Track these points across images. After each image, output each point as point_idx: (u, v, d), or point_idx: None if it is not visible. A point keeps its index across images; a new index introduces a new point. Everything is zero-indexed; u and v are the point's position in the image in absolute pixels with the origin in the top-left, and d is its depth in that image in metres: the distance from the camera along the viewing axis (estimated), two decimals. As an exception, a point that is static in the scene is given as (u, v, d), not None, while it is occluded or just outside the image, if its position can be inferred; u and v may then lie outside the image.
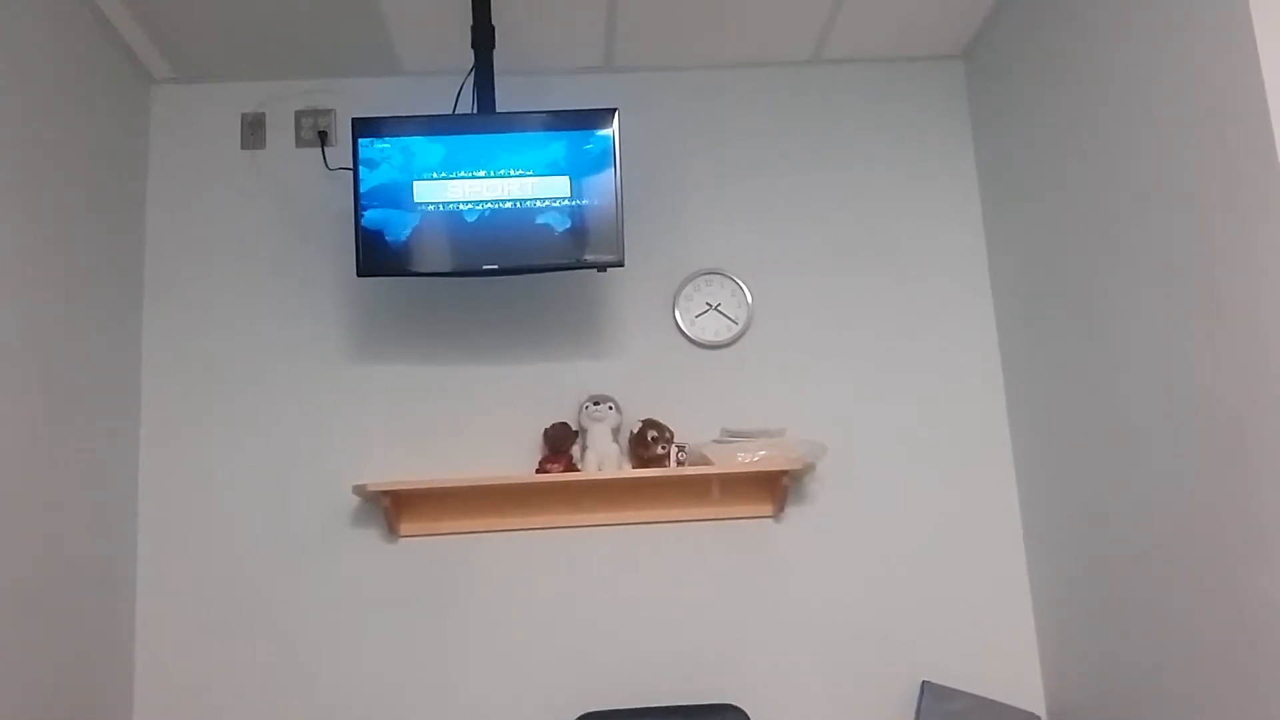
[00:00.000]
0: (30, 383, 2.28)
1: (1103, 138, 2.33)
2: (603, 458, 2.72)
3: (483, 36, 2.67)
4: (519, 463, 2.82)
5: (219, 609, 2.74)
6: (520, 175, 2.57)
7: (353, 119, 2.60)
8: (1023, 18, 2.69)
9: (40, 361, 2.33)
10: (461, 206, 2.56)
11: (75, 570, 2.44)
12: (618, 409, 2.78)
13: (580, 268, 2.58)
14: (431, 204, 2.56)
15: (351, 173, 2.58)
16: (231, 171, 2.95)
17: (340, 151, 2.91)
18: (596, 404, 2.76)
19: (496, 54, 2.70)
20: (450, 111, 2.78)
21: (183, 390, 2.84)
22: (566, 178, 2.57)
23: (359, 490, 2.66)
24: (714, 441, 2.75)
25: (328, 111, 2.98)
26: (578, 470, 2.74)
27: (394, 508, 2.73)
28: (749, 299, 2.93)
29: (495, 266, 2.56)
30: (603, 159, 2.58)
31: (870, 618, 2.79)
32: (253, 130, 2.98)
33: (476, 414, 2.85)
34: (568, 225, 2.56)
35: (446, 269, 2.56)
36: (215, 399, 2.84)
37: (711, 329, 2.91)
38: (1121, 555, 2.34)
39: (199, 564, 2.76)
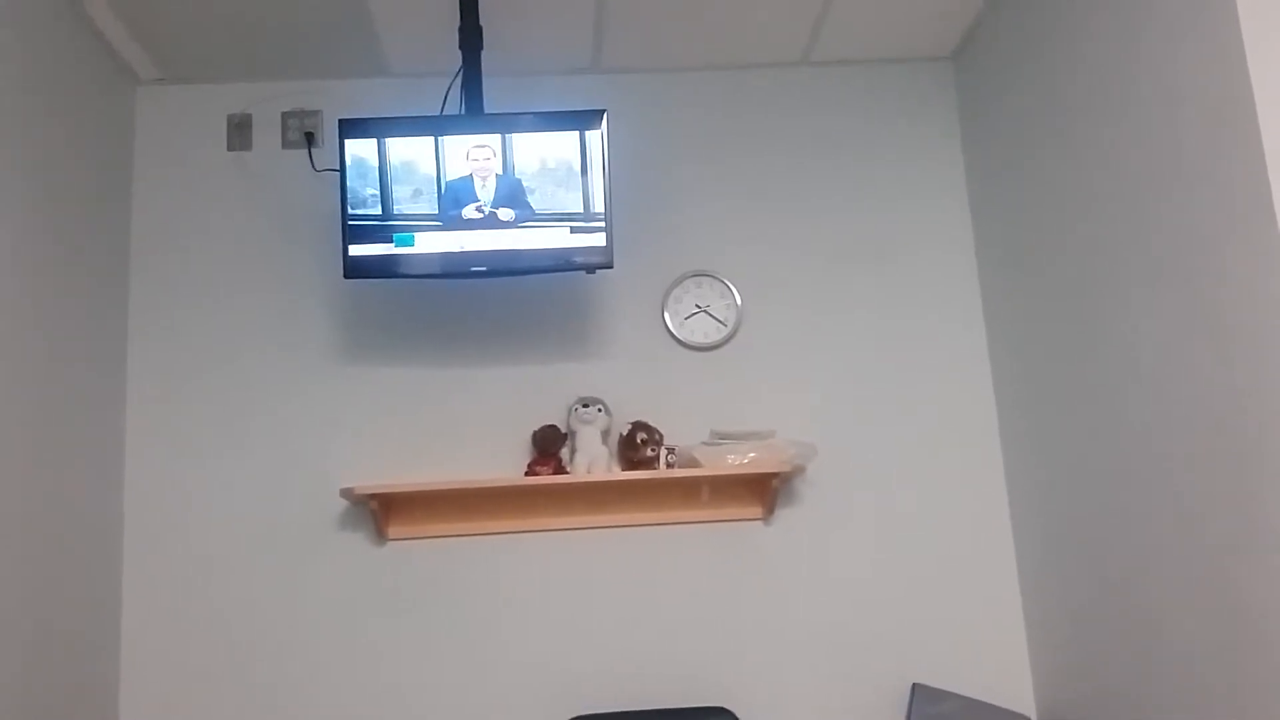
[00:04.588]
0: (14, 384, 2.26)
1: (1092, 138, 2.33)
2: (592, 460, 2.71)
3: (471, 37, 2.66)
4: (507, 465, 2.81)
5: (205, 612, 2.72)
6: (508, 176, 2.56)
7: (339, 120, 2.59)
8: (1012, 19, 2.70)
9: (24, 362, 2.31)
10: (449, 208, 2.55)
11: (60, 574, 2.42)
12: (607, 411, 2.77)
13: (569, 269, 2.57)
14: (419, 205, 2.54)
15: (338, 174, 2.56)
16: (218, 173, 2.94)
17: (327, 153, 2.90)
18: (585, 406, 2.75)
19: (484, 55, 2.69)
20: (438, 113, 2.76)
21: (168, 392, 2.82)
22: (555, 179, 2.56)
23: (346, 493, 2.64)
24: (703, 444, 2.74)
25: (314, 113, 2.96)
26: (566, 473, 2.73)
27: (382, 511, 2.71)
28: (738, 301, 2.92)
29: (483, 268, 2.55)
30: (591, 161, 2.57)
31: (860, 619, 2.78)
32: (239, 131, 2.96)
33: (465, 416, 2.84)
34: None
35: (434, 270, 2.55)
36: (201, 401, 2.82)
37: (701, 331, 2.91)
38: (1112, 557, 2.34)
39: (185, 567, 2.74)
